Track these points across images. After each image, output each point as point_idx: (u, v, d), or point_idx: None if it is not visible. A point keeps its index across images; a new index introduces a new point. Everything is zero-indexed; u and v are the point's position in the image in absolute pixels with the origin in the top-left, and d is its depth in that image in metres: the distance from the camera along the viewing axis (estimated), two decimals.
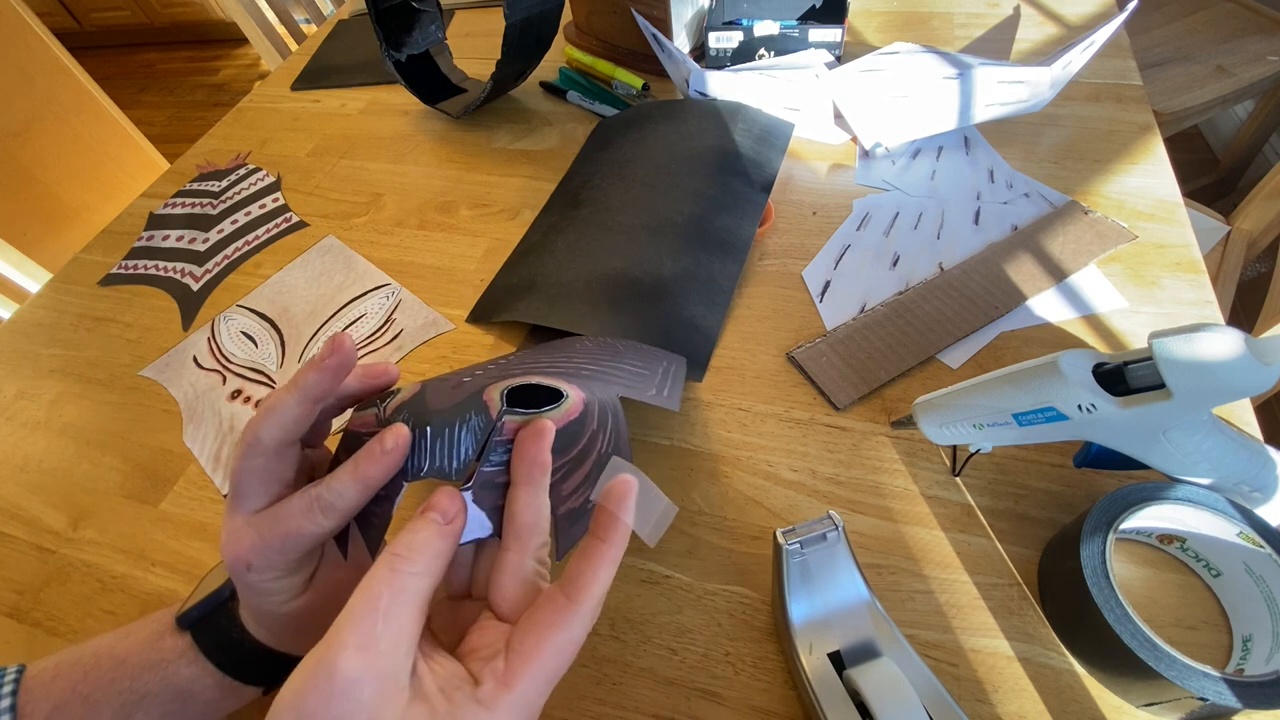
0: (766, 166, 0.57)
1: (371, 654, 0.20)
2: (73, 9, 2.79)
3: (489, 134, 0.72)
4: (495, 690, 0.21)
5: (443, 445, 0.26)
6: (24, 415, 0.53)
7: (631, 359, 0.41)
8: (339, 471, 0.26)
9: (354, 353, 0.28)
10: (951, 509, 0.40)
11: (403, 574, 0.22)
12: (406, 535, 0.23)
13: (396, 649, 0.21)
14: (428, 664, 0.22)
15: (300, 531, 0.26)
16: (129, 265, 0.65)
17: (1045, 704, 0.33)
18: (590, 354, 0.40)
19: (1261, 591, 0.33)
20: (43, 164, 1.47)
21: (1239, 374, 0.29)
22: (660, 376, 0.40)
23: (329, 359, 0.27)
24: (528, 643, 0.22)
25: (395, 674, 0.20)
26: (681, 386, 0.39)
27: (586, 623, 0.22)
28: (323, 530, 0.26)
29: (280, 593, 0.28)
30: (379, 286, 0.58)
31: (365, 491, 0.26)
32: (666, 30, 0.69)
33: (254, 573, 0.26)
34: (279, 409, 0.26)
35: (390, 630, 0.21)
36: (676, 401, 0.37)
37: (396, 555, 0.22)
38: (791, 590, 0.32)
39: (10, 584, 0.44)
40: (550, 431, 0.26)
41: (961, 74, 0.57)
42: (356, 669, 0.20)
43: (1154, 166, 0.57)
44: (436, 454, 0.26)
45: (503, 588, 0.25)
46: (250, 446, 0.26)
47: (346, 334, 0.28)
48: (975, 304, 0.49)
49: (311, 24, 1.42)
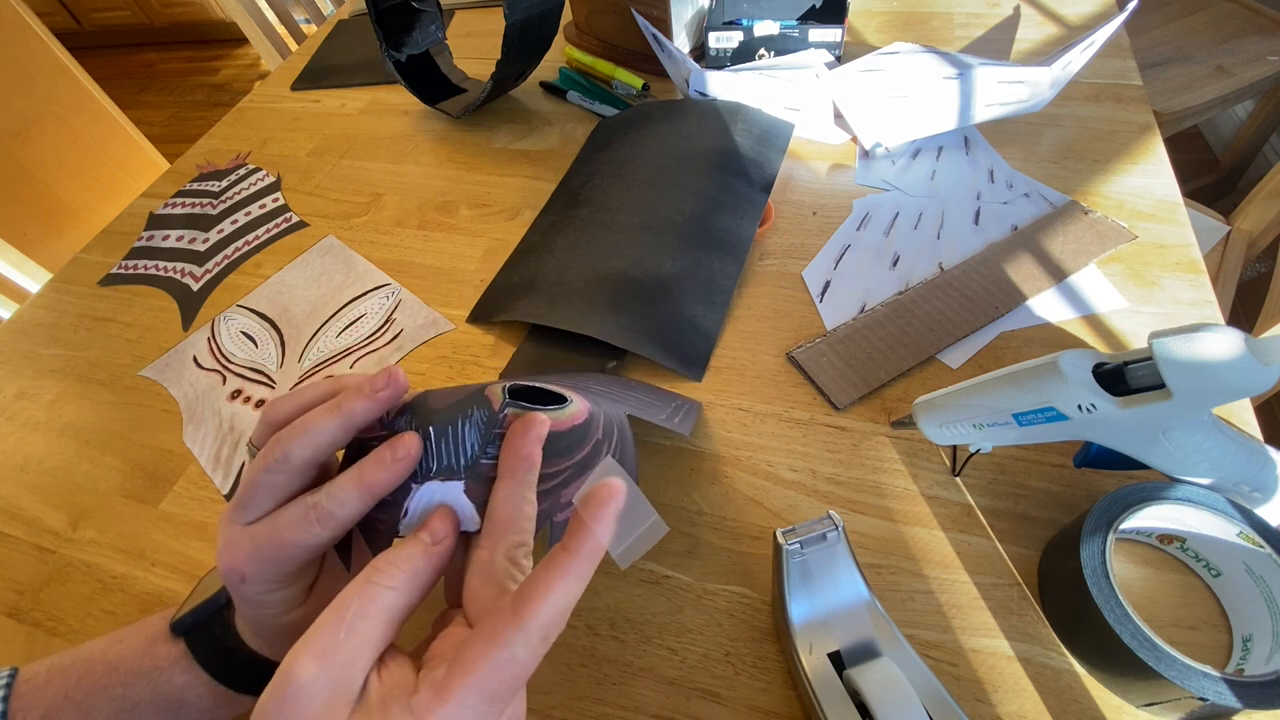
0: (766, 166, 0.57)
1: (328, 663, 0.20)
2: (73, 9, 2.79)
3: (489, 134, 0.72)
4: (429, 701, 0.20)
5: (447, 443, 0.26)
6: (24, 415, 0.53)
7: (644, 393, 0.41)
8: (341, 479, 0.25)
9: (407, 386, 0.27)
10: (951, 509, 0.40)
11: (376, 586, 0.22)
12: (391, 550, 0.23)
13: (354, 661, 0.20)
14: (379, 672, 0.21)
15: (295, 542, 0.24)
16: (129, 265, 0.65)
17: (1045, 704, 0.33)
18: (602, 381, 0.40)
19: (1261, 591, 0.33)
20: (43, 164, 1.47)
21: (1239, 374, 0.29)
22: (672, 410, 0.40)
23: (383, 391, 0.26)
24: (467, 655, 0.20)
25: (348, 684, 0.20)
26: (694, 421, 0.39)
27: (531, 642, 0.20)
28: (319, 541, 0.25)
29: (276, 605, 0.27)
30: (379, 286, 0.58)
31: (368, 500, 0.25)
32: (666, 30, 0.69)
33: (249, 585, 0.26)
34: (315, 431, 0.25)
35: (351, 642, 0.20)
36: (689, 428, 0.37)
37: (375, 568, 0.22)
38: (791, 590, 0.32)
39: (10, 584, 0.44)
40: (542, 425, 0.26)
41: (961, 74, 0.57)
42: (310, 675, 0.20)
43: (1154, 166, 0.57)
44: (443, 453, 0.26)
45: (470, 587, 0.24)
46: (277, 461, 0.25)
47: (400, 368, 0.27)
48: (975, 304, 0.49)
49: (311, 24, 1.42)
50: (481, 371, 0.51)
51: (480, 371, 0.51)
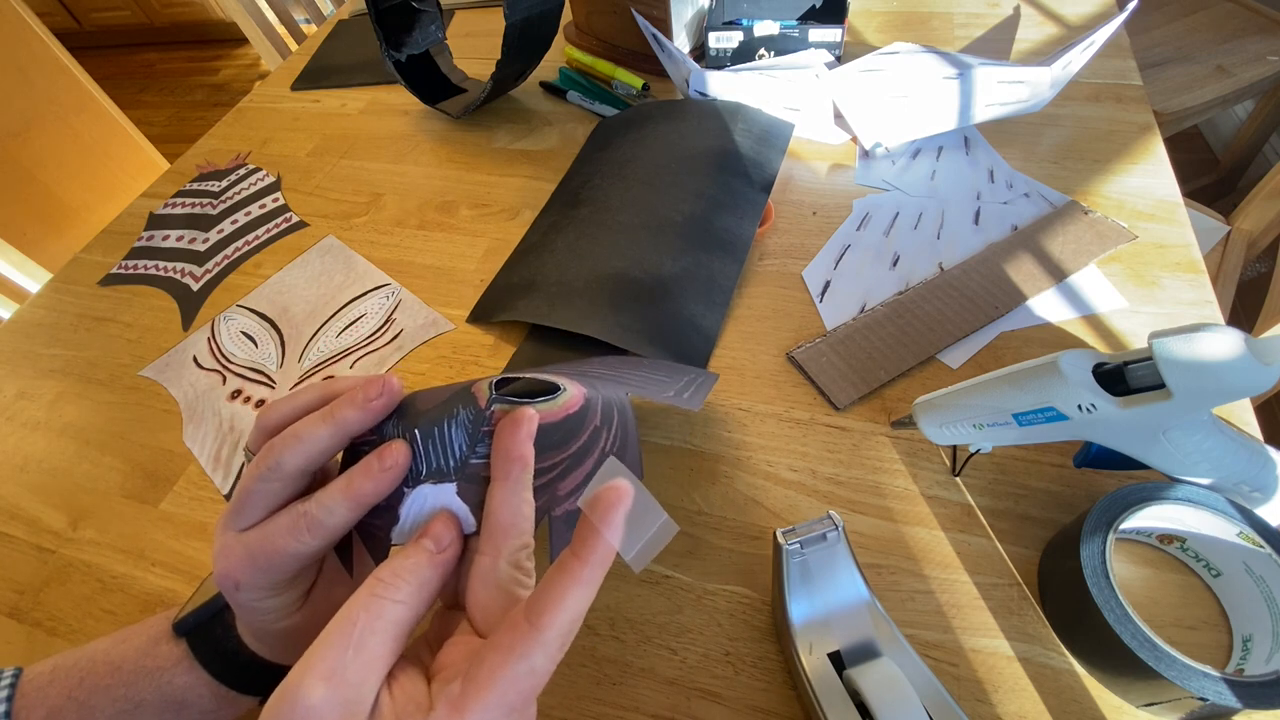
0: (766, 166, 0.57)
1: (337, 683, 0.19)
2: (73, 9, 2.79)
3: (489, 134, 0.72)
4: (447, 718, 0.20)
5: (435, 445, 0.25)
6: (24, 415, 0.53)
7: (653, 370, 0.40)
8: (330, 488, 0.25)
9: (401, 393, 0.26)
10: (951, 509, 0.40)
11: (383, 600, 0.21)
12: (395, 560, 0.23)
13: (364, 680, 0.20)
14: (390, 688, 0.21)
15: (286, 550, 0.24)
16: (129, 265, 0.65)
17: (1045, 704, 0.33)
18: (609, 363, 0.39)
19: (1261, 591, 0.33)
20: (43, 164, 1.47)
21: (1239, 374, 0.29)
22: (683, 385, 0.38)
23: (376, 400, 0.25)
24: (483, 669, 0.20)
25: (358, 703, 0.20)
26: (705, 395, 0.38)
27: (550, 651, 0.20)
28: (309, 550, 0.24)
29: (272, 611, 0.27)
30: (379, 286, 0.58)
31: (357, 509, 0.25)
32: (666, 30, 0.69)
33: (243, 592, 0.25)
34: (308, 440, 0.25)
35: (360, 660, 0.20)
36: (699, 403, 0.36)
37: (379, 580, 0.22)
38: (791, 590, 0.32)
39: (10, 584, 0.44)
40: (530, 420, 0.25)
41: (961, 74, 0.57)
42: (319, 698, 0.19)
43: (1154, 166, 0.57)
44: (431, 455, 0.25)
45: (475, 595, 0.23)
46: (270, 470, 0.25)
47: (394, 376, 0.27)
48: (975, 304, 0.49)
49: (311, 24, 1.42)
50: (482, 372, 0.51)
51: (480, 372, 0.51)
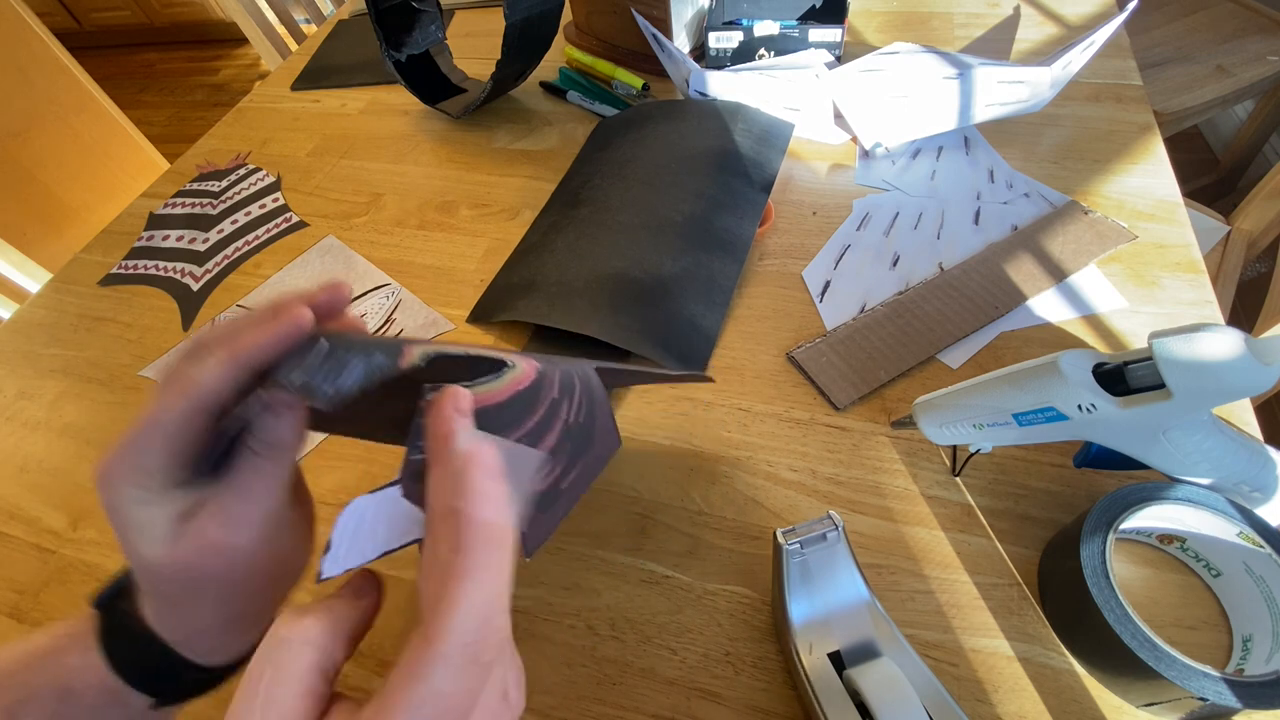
0: (766, 166, 0.57)
1: None
2: (73, 9, 2.79)
3: (489, 134, 0.72)
4: None
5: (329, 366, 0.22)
6: (24, 415, 0.53)
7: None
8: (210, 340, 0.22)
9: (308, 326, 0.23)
10: (951, 509, 0.40)
11: (288, 644, 0.19)
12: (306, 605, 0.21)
13: None
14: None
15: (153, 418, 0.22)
16: (129, 265, 0.65)
17: (1045, 704, 0.33)
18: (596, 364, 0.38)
19: (1261, 591, 0.33)
20: (43, 164, 1.47)
21: (1239, 374, 0.29)
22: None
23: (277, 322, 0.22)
24: (388, 694, 0.17)
25: None
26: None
27: (453, 665, 0.17)
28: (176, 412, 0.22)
29: (147, 526, 0.23)
30: (379, 286, 0.58)
31: (233, 366, 0.22)
32: (666, 30, 0.69)
33: (114, 486, 0.23)
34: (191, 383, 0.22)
35: (271, 715, 0.18)
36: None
37: (283, 622, 0.20)
38: (791, 590, 0.32)
39: (10, 584, 0.44)
40: (462, 399, 0.22)
41: (961, 74, 0.57)
42: None
43: (1154, 166, 0.57)
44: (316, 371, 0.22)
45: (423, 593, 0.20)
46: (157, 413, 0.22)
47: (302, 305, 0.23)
48: (975, 304, 0.49)
49: (311, 24, 1.42)
50: None
51: None
